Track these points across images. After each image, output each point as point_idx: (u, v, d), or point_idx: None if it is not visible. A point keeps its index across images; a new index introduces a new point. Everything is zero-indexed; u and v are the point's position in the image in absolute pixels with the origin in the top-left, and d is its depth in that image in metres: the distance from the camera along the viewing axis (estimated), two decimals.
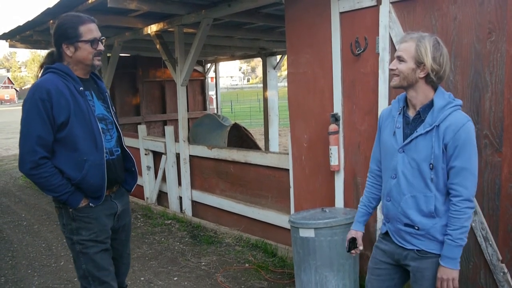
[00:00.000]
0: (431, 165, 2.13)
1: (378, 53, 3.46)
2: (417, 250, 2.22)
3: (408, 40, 2.18)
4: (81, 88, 2.46)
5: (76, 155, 2.41)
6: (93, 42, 2.46)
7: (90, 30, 2.46)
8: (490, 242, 2.93)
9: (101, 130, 2.50)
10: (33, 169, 2.35)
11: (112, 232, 2.65)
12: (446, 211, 2.16)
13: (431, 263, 2.19)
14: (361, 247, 2.54)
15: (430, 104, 2.17)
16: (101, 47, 2.51)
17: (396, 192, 2.26)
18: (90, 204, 2.50)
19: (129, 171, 2.79)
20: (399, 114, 2.28)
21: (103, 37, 2.55)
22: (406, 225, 2.24)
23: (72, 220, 2.50)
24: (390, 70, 2.24)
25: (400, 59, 2.18)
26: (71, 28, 2.43)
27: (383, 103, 3.43)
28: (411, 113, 2.25)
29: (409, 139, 2.19)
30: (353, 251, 2.55)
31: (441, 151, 2.11)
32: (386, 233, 2.38)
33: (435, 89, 2.20)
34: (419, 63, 2.13)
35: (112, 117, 2.66)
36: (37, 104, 2.32)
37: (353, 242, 2.53)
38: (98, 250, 2.54)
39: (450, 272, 2.12)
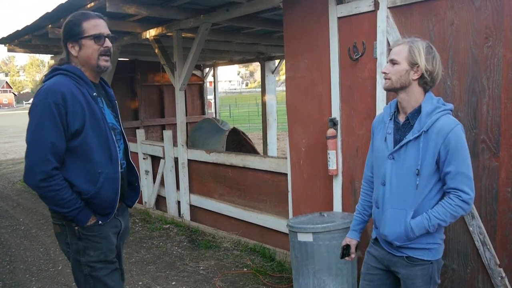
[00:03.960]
0: (417, 170, 2.12)
1: (376, 58, 3.47)
2: (406, 257, 2.21)
3: (401, 44, 2.20)
4: (94, 94, 2.26)
5: (89, 167, 2.20)
6: (98, 37, 2.23)
7: (95, 25, 2.24)
8: (488, 247, 2.94)
9: (115, 141, 2.29)
10: (44, 181, 2.09)
11: None
12: None
13: (421, 270, 2.19)
14: (353, 255, 2.55)
15: (419, 109, 2.16)
16: (107, 43, 2.26)
17: (383, 200, 2.26)
18: (99, 221, 2.28)
19: (131, 186, 2.56)
20: (390, 119, 2.28)
21: (113, 35, 2.32)
22: None
23: (78, 239, 2.25)
24: (383, 73, 2.24)
25: (393, 62, 2.18)
26: (75, 25, 2.23)
27: (381, 108, 3.43)
28: (401, 119, 2.24)
29: (398, 146, 2.19)
30: (347, 258, 2.56)
31: (432, 157, 2.09)
32: (377, 239, 2.38)
33: (426, 93, 2.20)
34: (413, 64, 2.13)
35: (121, 127, 2.44)
36: (51, 109, 2.09)
37: (347, 249, 2.55)
38: (108, 272, 2.33)
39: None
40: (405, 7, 3.27)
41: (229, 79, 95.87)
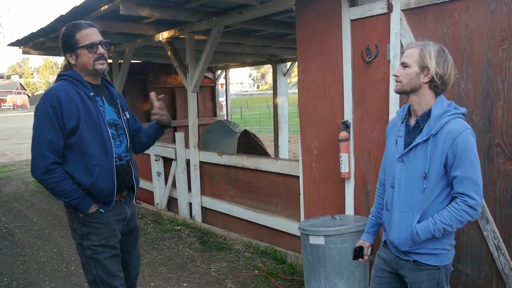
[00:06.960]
0: (424, 173, 2.12)
1: (389, 61, 3.45)
2: (413, 261, 2.21)
3: (413, 47, 2.21)
4: (91, 94, 2.49)
5: (86, 160, 2.45)
6: (91, 46, 2.46)
7: (87, 35, 2.47)
8: (503, 251, 2.90)
9: (110, 136, 2.52)
10: (45, 174, 2.38)
11: (122, 235, 2.67)
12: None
13: (427, 275, 2.18)
14: (366, 257, 2.55)
15: (429, 113, 2.16)
16: (100, 50, 2.49)
17: (392, 202, 2.27)
18: (100, 210, 2.52)
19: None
20: (402, 122, 2.29)
21: (105, 40, 2.53)
22: None
23: (82, 225, 2.52)
24: (394, 76, 2.25)
25: (405, 65, 2.19)
26: (69, 37, 2.48)
27: (394, 111, 3.42)
28: (412, 122, 2.25)
29: (407, 149, 2.19)
30: (360, 260, 2.56)
31: (439, 161, 2.08)
32: (386, 242, 2.38)
33: (437, 96, 2.19)
34: (423, 68, 2.14)
35: (123, 123, 2.66)
36: (48, 111, 2.37)
37: (359, 250, 2.55)
38: (108, 256, 2.55)
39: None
40: (419, 10, 3.25)
41: (241, 81, 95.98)
